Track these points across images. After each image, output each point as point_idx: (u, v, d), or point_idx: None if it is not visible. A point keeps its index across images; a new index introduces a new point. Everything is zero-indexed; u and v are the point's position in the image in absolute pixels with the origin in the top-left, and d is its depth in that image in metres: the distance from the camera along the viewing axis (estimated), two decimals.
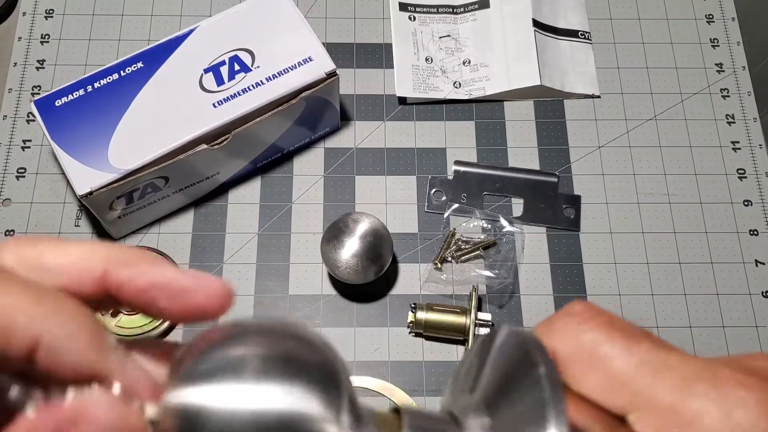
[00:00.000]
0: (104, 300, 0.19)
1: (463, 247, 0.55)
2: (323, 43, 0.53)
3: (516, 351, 0.19)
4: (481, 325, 0.51)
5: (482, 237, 0.56)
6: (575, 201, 0.57)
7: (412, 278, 0.55)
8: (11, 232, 0.55)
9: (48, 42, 0.62)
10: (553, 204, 0.57)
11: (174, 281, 0.19)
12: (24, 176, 0.57)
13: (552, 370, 0.18)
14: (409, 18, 0.63)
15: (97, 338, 0.17)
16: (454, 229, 0.56)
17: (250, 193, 0.57)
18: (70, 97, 0.50)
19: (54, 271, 0.18)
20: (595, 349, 0.20)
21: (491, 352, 0.21)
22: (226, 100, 0.50)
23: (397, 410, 0.20)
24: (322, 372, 0.18)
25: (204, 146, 0.50)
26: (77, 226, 0.55)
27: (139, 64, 0.51)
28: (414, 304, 0.52)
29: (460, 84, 0.61)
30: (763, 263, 0.56)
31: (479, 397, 0.20)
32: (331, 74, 0.52)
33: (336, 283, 0.54)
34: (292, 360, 0.17)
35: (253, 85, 0.51)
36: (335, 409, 0.17)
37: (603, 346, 0.19)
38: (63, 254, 0.18)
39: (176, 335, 0.52)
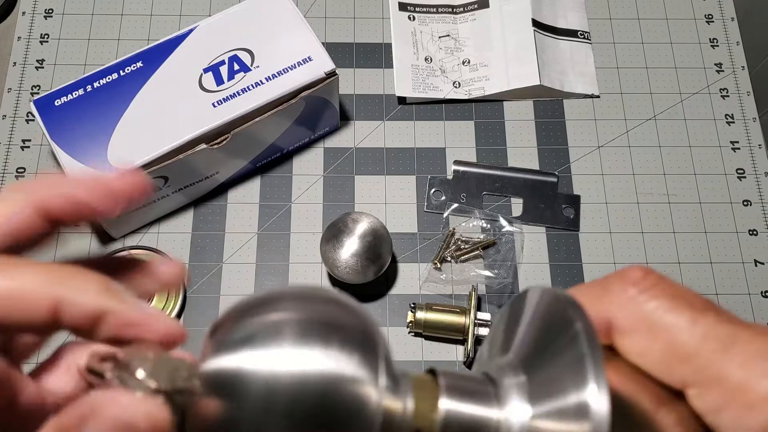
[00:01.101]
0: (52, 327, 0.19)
1: (462, 246, 0.55)
2: (323, 43, 0.53)
3: (551, 309, 0.19)
4: (481, 325, 0.51)
5: (482, 237, 0.56)
6: (575, 201, 0.57)
7: (412, 278, 0.55)
8: None
9: (47, 42, 0.62)
10: (553, 204, 0.57)
11: (122, 312, 0.19)
12: (23, 176, 0.57)
13: (589, 327, 0.17)
14: (409, 18, 0.63)
15: (108, 287, 0.18)
16: (454, 228, 0.56)
17: (249, 192, 0.57)
18: (70, 96, 0.50)
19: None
20: (658, 320, 0.19)
21: (524, 312, 0.20)
22: (226, 99, 0.50)
23: (432, 371, 0.20)
24: (360, 335, 0.18)
25: (203, 146, 0.50)
26: (77, 225, 0.55)
27: (139, 64, 0.51)
28: (413, 303, 0.52)
29: (459, 84, 0.61)
30: (763, 263, 0.56)
31: (514, 357, 0.20)
32: (331, 74, 0.52)
33: (335, 282, 0.54)
34: (329, 324, 0.17)
35: (252, 85, 0.51)
36: (373, 371, 0.17)
37: (667, 316, 0.18)
38: (8, 280, 0.18)
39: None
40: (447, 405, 0.19)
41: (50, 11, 0.63)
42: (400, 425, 0.18)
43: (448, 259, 0.55)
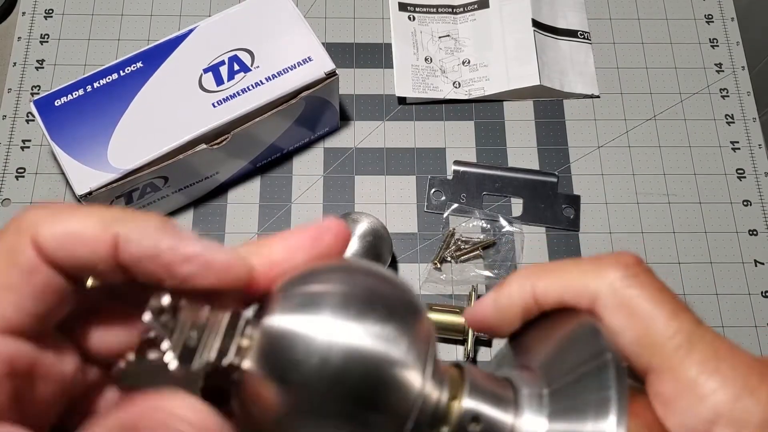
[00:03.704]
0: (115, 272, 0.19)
1: (462, 247, 0.55)
2: (323, 43, 0.53)
3: (584, 333, 0.20)
4: None
5: (481, 237, 0.56)
6: (575, 201, 0.57)
7: (412, 278, 0.55)
8: None
9: (47, 42, 0.62)
10: (553, 204, 0.57)
11: (179, 248, 0.19)
12: (23, 176, 0.57)
13: (619, 361, 0.18)
14: (409, 18, 0.63)
15: (165, 225, 0.18)
16: (454, 229, 0.56)
17: (249, 193, 0.57)
18: (70, 97, 0.50)
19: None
20: (638, 306, 0.20)
21: (557, 328, 0.21)
22: (226, 99, 0.50)
23: (459, 366, 0.20)
24: (416, 323, 0.18)
25: (203, 146, 0.50)
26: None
27: (139, 64, 0.51)
28: None
29: (459, 84, 0.61)
30: (763, 263, 0.56)
31: (539, 369, 0.20)
32: (331, 74, 0.52)
33: None
34: (392, 307, 0.18)
35: (252, 85, 0.51)
36: (422, 360, 0.18)
37: (647, 305, 0.20)
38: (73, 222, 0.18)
39: None
40: (468, 403, 0.19)
41: (50, 11, 0.63)
42: (434, 413, 0.19)
43: (448, 259, 0.55)
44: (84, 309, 0.20)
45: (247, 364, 0.18)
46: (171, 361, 0.17)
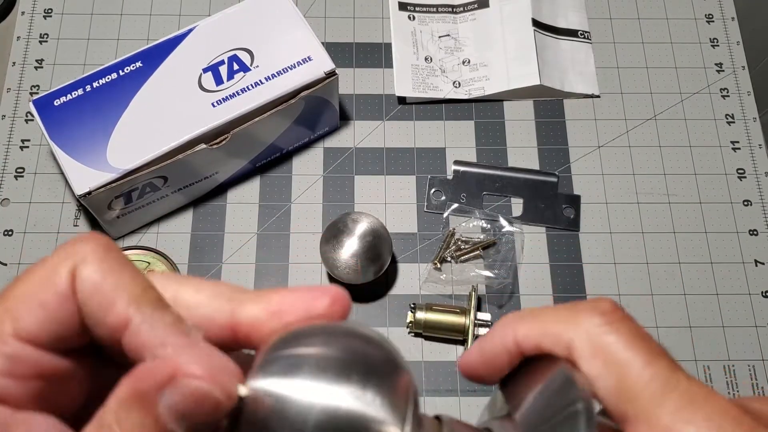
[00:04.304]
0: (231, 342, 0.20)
1: (462, 247, 0.55)
2: (322, 43, 0.53)
3: (560, 384, 0.21)
4: (481, 326, 0.51)
5: (482, 237, 0.55)
6: (575, 201, 0.57)
7: (412, 278, 0.55)
8: (9, 232, 0.55)
9: (47, 41, 0.61)
10: (553, 204, 0.57)
11: (299, 299, 0.20)
12: (22, 176, 0.57)
13: (590, 410, 0.19)
14: (409, 17, 0.63)
15: (177, 324, 0.19)
16: (454, 229, 0.55)
17: (249, 192, 0.57)
18: (69, 96, 0.50)
19: (189, 307, 0.20)
20: (614, 354, 0.20)
21: (536, 377, 0.22)
22: (225, 99, 0.50)
23: (438, 418, 0.21)
24: (395, 380, 0.19)
25: (203, 146, 0.50)
26: (76, 226, 0.55)
27: (138, 64, 0.51)
28: (413, 304, 0.51)
29: (459, 83, 0.61)
30: (763, 263, 0.56)
31: (519, 419, 0.21)
32: (331, 74, 0.52)
33: (335, 283, 0.54)
34: (372, 366, 0.19)
35: (252, 85, 0.51)
36: (400, 416, 0.19)
37: (624, 352, 0.20)
38: (196, 292, 0.20)
39: None
40: None
41: (49, 11, 0.63)
42: None
43: (448, 259, 0.55)
44: None
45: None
46: None
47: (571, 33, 0.63)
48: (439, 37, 0.63)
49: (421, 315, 0.51)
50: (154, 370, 0.18)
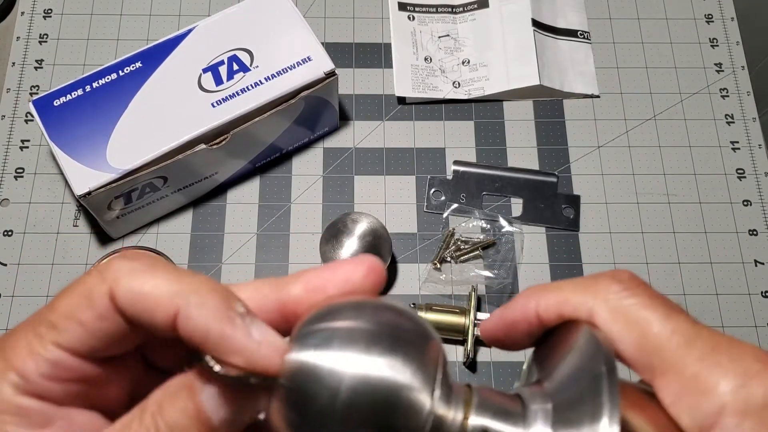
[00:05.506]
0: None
1: (462, 247, 0.55)
2: (322, 43, 0.53)
3: (587, 347, 0.21)
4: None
5: (481, 237, 0.55)
6: (574, 201, 0.57)
7: (411, 278, 0.55)
8: (9, 233, 0.55)
9: (46, 42, 0.61)
10: (553, 204, 0.57)
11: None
12: (22, 176, 0.57)
13: (612, 371, 0.19)
14: (409, 18, 0.63)
15: (225, 307, 0.20)
16: (453, 229, 0.55)
17: (248, 193, 0.57)
18: (69, 97, 0.50)
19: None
20: (634, 314, 0.21)
21: (568, 343, 0.22)
22: (225, 99, 0.50)
23: (468, 386, 0.22)
24: (423, 347, 0.20)
25: (203, 146, 0.50)
26: (75, 226, 0.55)
27: (138, 64, 0.51)
28: (413, 304, 0.51)
29: (459, 84, 0.61)
30: (763, 263, 0.56)
31: (548, 384, 0.22)
32: (330, 74, 0.52)
33: None
34: (400, 336, 0.20)
35: (251, 85, 0.51)
36: (430, 382, 0.20)
37: (643, 311, 0.21)
38: (239, 289, 0.21)
39: None
40: (475, 420, 0.21)
41: (49, 11, 0.63)
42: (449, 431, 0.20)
43: (448, 259, 0.55)
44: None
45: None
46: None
47: (570, 33, 0.63)
48: (439, 37, 0.63)
49: (421, 315, 0.51)
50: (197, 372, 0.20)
